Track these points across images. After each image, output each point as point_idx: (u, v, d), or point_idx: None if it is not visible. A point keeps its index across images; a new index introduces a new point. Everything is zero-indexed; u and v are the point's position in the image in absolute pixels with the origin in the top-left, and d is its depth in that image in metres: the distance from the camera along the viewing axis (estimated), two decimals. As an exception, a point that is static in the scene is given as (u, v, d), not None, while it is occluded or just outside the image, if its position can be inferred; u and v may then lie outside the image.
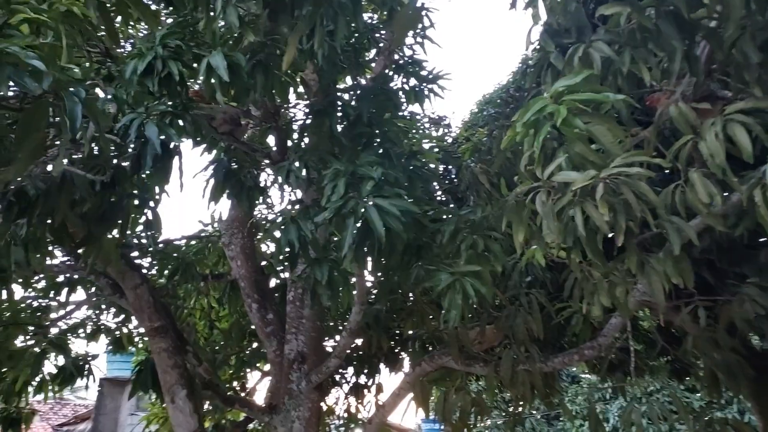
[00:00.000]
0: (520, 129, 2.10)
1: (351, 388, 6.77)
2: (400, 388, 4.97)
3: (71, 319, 6.26)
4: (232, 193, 3.75)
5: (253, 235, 5.90)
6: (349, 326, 4.59)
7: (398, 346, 6.26)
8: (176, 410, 4.27)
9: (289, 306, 5.35)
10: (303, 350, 5.14)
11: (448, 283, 2.98)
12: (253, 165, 3.96)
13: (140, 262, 5.88)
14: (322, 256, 3.26)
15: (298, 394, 4.98)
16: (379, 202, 2.80)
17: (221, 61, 2.68)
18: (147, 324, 4.42)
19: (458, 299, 2.95)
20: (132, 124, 2.83)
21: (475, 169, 5.27)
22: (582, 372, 19.66)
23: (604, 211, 1.79)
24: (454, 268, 3.04)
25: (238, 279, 5.63)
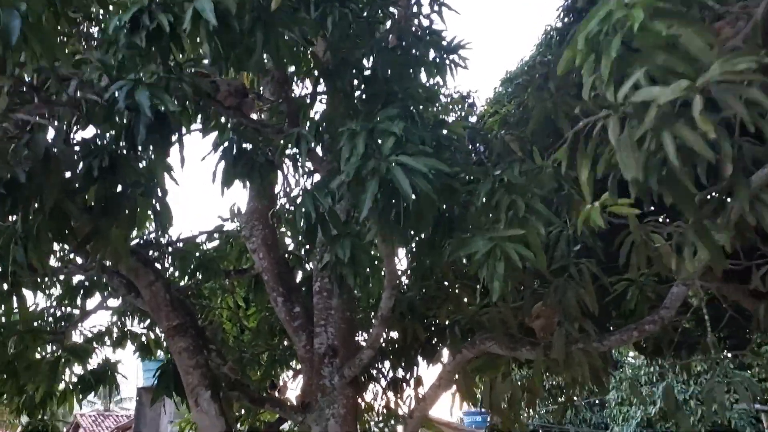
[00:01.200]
0: (581, 46, 1.70)
1: (389, 382, 6.44)
2: (440, 378, 4.59)
3: (95, 327, 6.08)
4: (242, 173, 3.43)
5: (275, 226, 5.60)
6: (381, 313, 4.23)
7: (435, 337, 5.90)
8: (201, 413, 3.97)
9: (316, 297, 5.02)
10: (333, 343, 4.80)
11: (487, 250, 2.60)
12: (265, 143, 3.62)
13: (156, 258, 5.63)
14: (343, 232, 2.90)
15: (332, 390, 4.64)
16: (404, 159, 2.43)
17: (208, 3, 2.34)
18: (165, 323, 4.13)
19: (500, 268, 2.56)
20: (121, 91, 2.52)
21: (506, 137, 4.87)
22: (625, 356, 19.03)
23: (708, 128, 1.37)
24: (493, 234, 2.65)
25: (261, 272, 5.33)
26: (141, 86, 2.53)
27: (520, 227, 2.62)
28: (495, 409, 3.90)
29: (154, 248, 5.57)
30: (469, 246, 2.65)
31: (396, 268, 4.11)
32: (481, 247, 2.61)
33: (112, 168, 3.21)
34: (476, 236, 2.65)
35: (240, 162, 3.46)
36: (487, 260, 2.61)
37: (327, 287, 5.01)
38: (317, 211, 2.81)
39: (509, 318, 3.77)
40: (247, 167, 3.43)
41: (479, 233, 2.67)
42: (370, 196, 2.39)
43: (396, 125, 2.47)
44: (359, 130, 2.51)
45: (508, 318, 3.77)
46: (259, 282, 5.86)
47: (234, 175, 3.55)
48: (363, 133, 2.49)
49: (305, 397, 4.77)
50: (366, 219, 2.98)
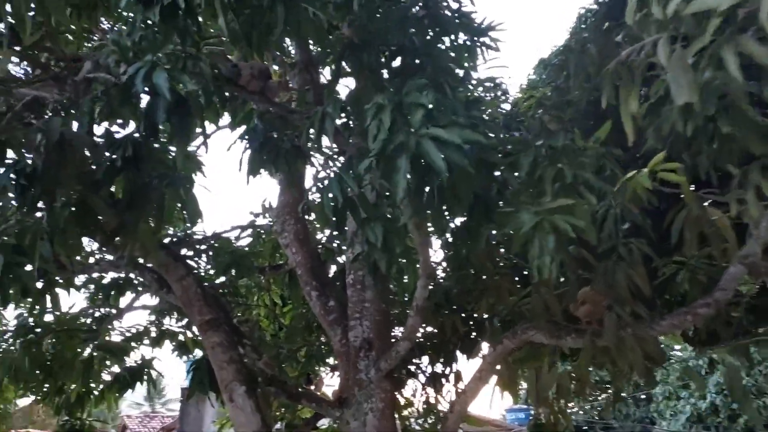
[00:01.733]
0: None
1: (427, 378, 6.28)
2: (480, 370, 4.40)
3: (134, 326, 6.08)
4: (268, 160, 3.31)
5: (306, 220, 5.49)
6: (416, 303, 4.06)
7: (474, 330, 5.70)
8: (236, 409, 3.88)
9: (350, 290, 4.89)
10: (369, 336, 4.66)
11: (534, 224, 2.41)
12: (292, 129, 3.50)
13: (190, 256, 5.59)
14: (373, 215, 2.75)
15: (368, 384, 4.50)
16: (435, 132, 2.26)
17: (222, -28, 2.23)
18: (197, 318, 4.06)
19: (550, 241, 2.37)
20: (138, 73, 2.42)
21: (544, 117, 4.66)
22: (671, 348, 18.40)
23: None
24: (538, 207, 2.46)
25: (295, 267, 5.23)
26: (159, 68, 2.43)
27: (568, 198, 2.42)
28: (541, 401, 3.69)
29: (186, 245, 5.53)
30: (513, 221, 2.47)
31: (430, 255, 3.95)
32: (527, 222, 2.42)
33: (136, 158, 3.15)
34: (520, 211, 2.47)
35: (265, 149, 3.34)
36: (535, 235, 2.42)
37: (360, 279, 4.87)
38: (345, 195, 2.67)
39: (553, 304, 3.56)
40: (272, 154, 3.31)
41: (523, 208, 2.48)
42: (402, 175, 2.24)
43: (425, 96, 2.31)
44: (386, 104, 2.36)
45: (552, 304, 3.56)
46: (294, 278, 5.77)
47: (260, 163, 3.43)
48: (390, 107, 2.33)
49: (342, 391, 4.65)
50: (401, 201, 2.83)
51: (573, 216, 2.46)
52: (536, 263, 2.56)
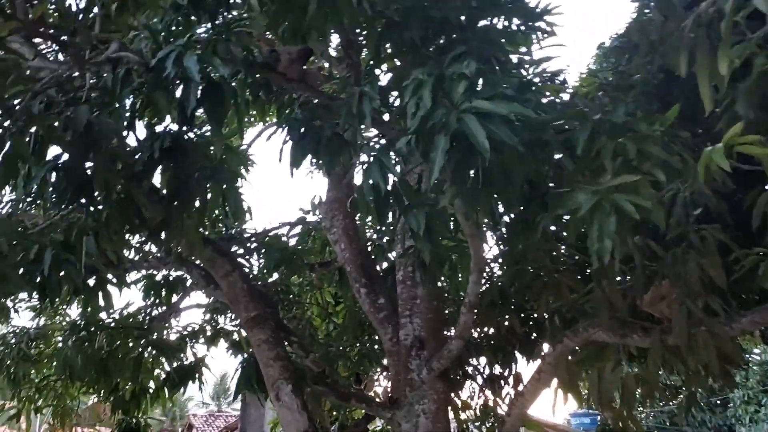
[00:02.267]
0: None
1: (485, 380, 6.03)
2: (540, 371, 4.14)
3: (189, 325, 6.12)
4: (308, 150, 3.18)
5: (355, 216, 5.37)
6: (468, 299, 3.86)
7: (533, 331, 5.42)
8: (283, 408, 3.78)
9: (400, 287, 4.73)
10: (420, 334, 4.48)
11: (593, 204, 2.17)
12: (334, 117, 3.37)
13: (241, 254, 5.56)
14: (415, 201, 2.57)
15: (420, 384, 4.31)
16: (479, 104, 2.07)
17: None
18: (243, 314, 3.99)
19: (611, 223, 2.12)
20: (168, 57, 2.34)
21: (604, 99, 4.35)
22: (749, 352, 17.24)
23: None
24: (596, 186, 2.22)
25: (344, 264, 5.11)
26: (189, 51, 2.34)
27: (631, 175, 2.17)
28: (605, 404, 3.40)
29: (237, 243, 5.51)
30: (569, 202, 2.23)
31: (482, 248, 3.73)
32: (585, 202, 2.19)
33: (174, 150, 3.09)
34: (576, 191, 2.23)
35: (306, 139, 3.22)
36: (594, 216, 2.18)
37: (411, 276, 4.70)
38: (386, 180, 2.50)
39: (617, 299, 3.27)
40: (313, 144, 3.18)
41: (579, 187, 2.24)
42: (440, 153, 2.05)
43: (467, 66, 2.11)
44: (426, 79, 2.18)
45: (616, 299, 3.27)
46: (344, 275, 5.66)
47: (301, 153, 3.31)
48: (430, 82, 2.15)
49: (393, 392, 4.49)
50: (440, 183, 2.64)
51: (637, 195, 2.21)
52: (595, 248, 2.31)
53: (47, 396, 6.47)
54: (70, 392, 6.63)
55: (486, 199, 2.41)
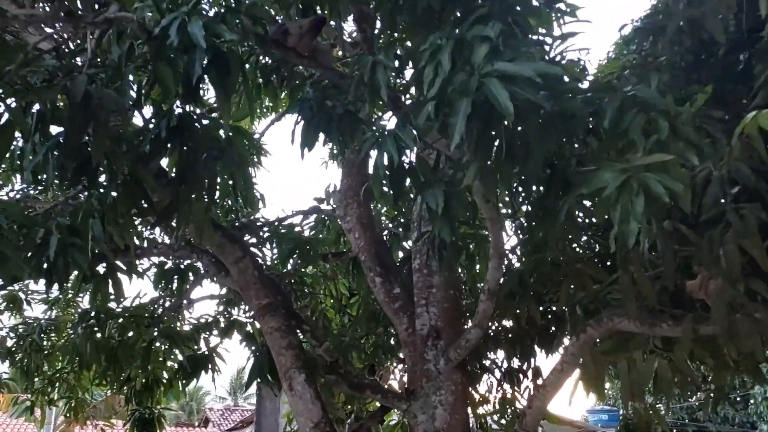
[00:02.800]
0: None
1: (503, 374, 5.88)
2: (563, 362, 3.97)
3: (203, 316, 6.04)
4: (320, 129, 3.05)
5: (370, 204, 5.23)
6: (487, 286, 3.71)
7: (552, 325, 5.25)
8: (295, 398, 3.66)
9: (416, 275, 4.58)
10: (437, 324, 4.33)
11: (620, 183, 2.01)
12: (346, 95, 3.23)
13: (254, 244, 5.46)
14: (433, 179, 2.43)
15: (437, 375, 4.17)
16: (502, 66, 1.92)
17: None
18: (254, 302, 3.87)
19: (638, 203, 1.97)
20: (172, 24, 2.21)
21: (630, 78, 4.16)
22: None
23: None
24: (624, 164, 2.06)
25: (358, 253, 4.98)
26: (194, 17, 2.22)
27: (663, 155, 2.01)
28: (636, 397, 3.22)
29: (249, 231, 5.40)
30: (594, 180, 2.08)
31: (502, 233, 3.58)
32: (611, 180, 2.03)
33: (181, 129, 2.97)
34: (603, 168, 2.07)
35: (318, 117, 3.09)
36: (620, 196, 2.03)
37: (427, 264, 4.56)
38: (402, 155, 2.36)
39: (646, 287, 3.10)
40: (325, 122, 3.05)
41: (606, 165, 2.08)
42: (461, 118, 1.90)
43: (490, 28, 1.96)
44: (444, 44, 2.03)
45: (645, 287, 3.09)
46: (358, 265, 5.54)
47: (313, 133, 3.18)
48: (449, 45, 2.01)
49: (410, 383, 4.35)
50: (459, 162, 2.49)
51: (668, 176, 2.04)
52: (618, 231, 2.15)
53: (60, 388, 6.43)
54: (83, 384, 6.59)
55: (507, 176, 2.25)
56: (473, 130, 2.02)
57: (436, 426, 4.06)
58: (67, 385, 6.60)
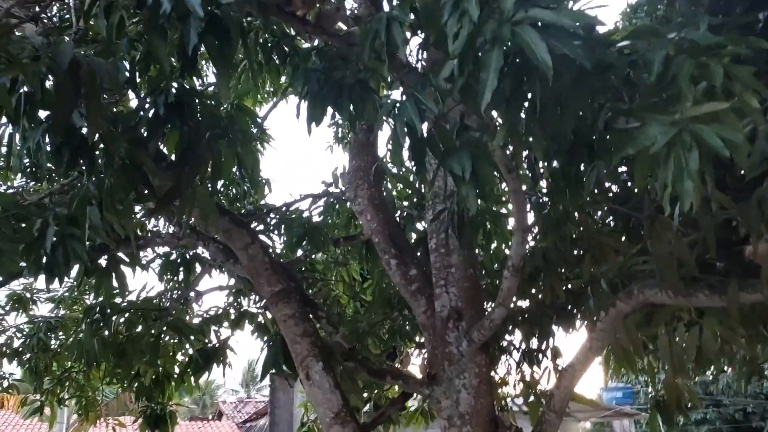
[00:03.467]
0: None
1: (522, 355, 5.70)
2: (591, 339, 3.78)
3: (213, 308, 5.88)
4: (329, 101, 2.84)
5: (380, 183, 5.04)
6: (512, 262, 3.51)
7: (570, 303, 5.06)
8: (313, 387, 3.49)
9: (434, 255, 4.39)
10: (457, 305, 4.15)
11: (671, 138, 1.80)
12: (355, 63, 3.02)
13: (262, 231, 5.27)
14: (457, 142, 2.22)
15: (460, 358, 3.99)
16: (536, 13, 1.71)
17: None
18: (266, 289, 3.69)
19: (693, 159, 1.76)
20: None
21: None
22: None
23: None
24: (673, 117, 1.85)
25: (371, 236, 4.79)
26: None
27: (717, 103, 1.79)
28: (679, 369, 3.03)
29: (257, 218, 5.22)
30: (641, 138, 1.87)
31: (526, 206, 3.39)
32: (660, 135, 1.82)
33: (180, 106, 2.77)
34: (649, 124, 1.86)
35: (326, 89, 2.88)
36: (670, 153, 1.82)
37: (444, 243, 4.36)
38: (423, 119, 2.15)
39: (685, 254, 2.89)
40: (334, 93, 2.83)
41: (654, 118, 1.87)
42: (492, 72, 1.69)
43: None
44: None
45: (684, 254, 2.89)
46: (371, 248, 5.35)
47: (321, 105, 2.97)
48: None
49: (431, 367, 4.18)
50: (485, 124, 2.28)
51: (723, 127, 1.83)
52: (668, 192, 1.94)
53: (69, 387, 6.30)
54: (93, 383, 6.46)
55: (540, 137, 2.04)
56: (505, 86, 1.81)
57: (461, 410, 3.89)
58: (77, 384, 6.47)
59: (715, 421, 24.08)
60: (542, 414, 4.05)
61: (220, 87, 2.54)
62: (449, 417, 3.92)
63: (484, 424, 3.90)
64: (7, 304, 5.99)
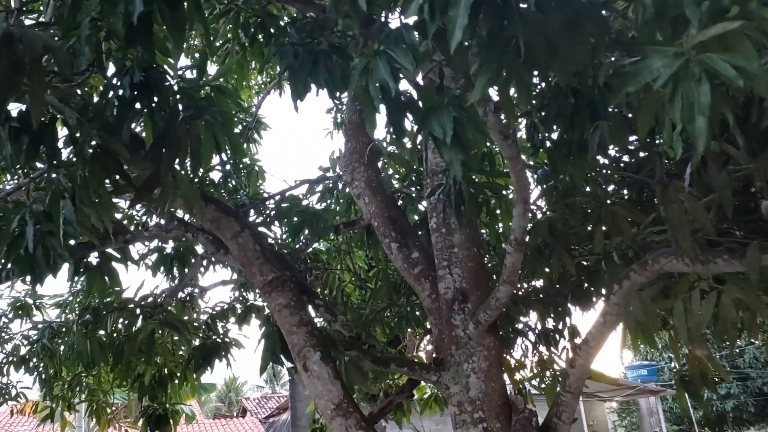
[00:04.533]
0: None
1: (538, 336, 5.52)
2: (605, 314, 3.56)
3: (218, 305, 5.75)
4: (305, 72, 2.65)
5: (377, 164, 4.84)
6: (514, 236, 3.30)
7: (586, 280, 4.84)
8: (312, 378, 3.31)
9: (435, 235, 4.19)
10: (462, 286, 3.95)
11: (676, 69, 1.58)
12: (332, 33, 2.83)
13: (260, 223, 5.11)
14: (435, 104, 2.01)
15: (467, 341, 3.80)
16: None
17: None
18: (258, 278, 3.52)
19: (704, 92, 1.54)
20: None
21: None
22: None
23: None
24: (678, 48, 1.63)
25: (370, 220, 4.60)
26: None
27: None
28: (697, 341, 2.82)
29: (253, 208, 5.05)
30: (642, 74, 1.65)
31: (525, 175, 3.16)
32: (662, 70, 1.60)
33: (148, 86, 2.60)
34: (651, 56, 1.64)
35: (302, 59, 2.69)
36: (677, 88, 1.60)
37: (445, 222, 4.17)
38: (397, 78, 1.95)
39: (701, 215, 2.67)
40: (309, 64, 2.64)
41: (655, 50, 1.65)
42: (464, 7, 1.49)
43: None
44: None
45: (700, 215, 2.66)
46: (372, 233, 5.17)
47: (302, 79, 2.78)
48: None
49: (438, 352, 3.99)
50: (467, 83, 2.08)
51: (735, 55, 1.61)
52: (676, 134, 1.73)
53: (80, 392, 6.22)
54: (104, 386, 6.38)
55: (525, 85, 1.83)
56: (481, 26, 1.61)
57: (471, 396, 3.70)
58: (88, 389, 6.40)
59: (739, 395, 23.68)
60: (558, 395, 3.85)
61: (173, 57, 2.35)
62: (459, 403, 3.73)
63: (497, 409, 3.71)
64: (11, 312, 5.90)
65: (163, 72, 2.71)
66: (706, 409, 24.21)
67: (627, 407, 30.02)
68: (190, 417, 11.27)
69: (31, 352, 5.81)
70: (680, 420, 26.86)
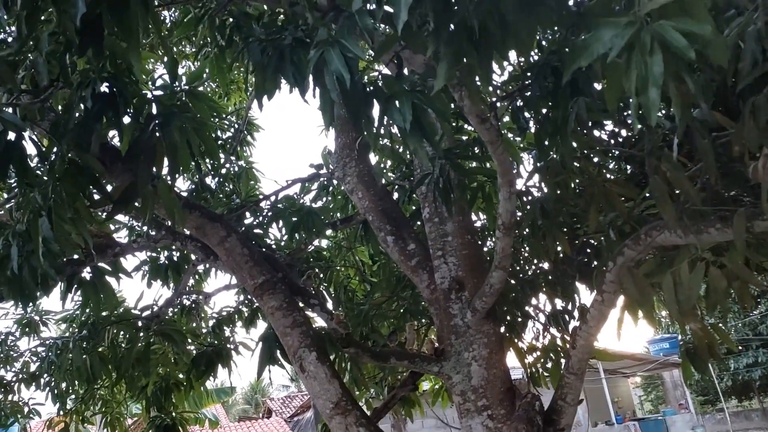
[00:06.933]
0: None
1: (548, 318, 5.45)
2: (602, 292, 3.50)
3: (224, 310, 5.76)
4: (271, 68, 2.60)
5: (367, 158, 4.79)
6: (501, 220, 3.24)
7: (591, 258, 4.76)
8: (309, 379, 3.29)
9: (428, 225, 4.14)
10: (457, 274, 3.90)
11: (628, 40, 1.52)
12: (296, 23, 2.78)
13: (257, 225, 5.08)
14: (396, 91, 1.96)
15: (466, 329, 3.75)
16: None
17: None
18: (249, 282, 3.49)
19: (656, 61, 1.47)
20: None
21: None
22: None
23: None
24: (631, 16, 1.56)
25: (365, 213, 4.56)
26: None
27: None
28: (688, 314, 2.75)
29: (248, 210, 5.03)
30: (593, 47, 1.59)
31: (508, 158, 3.10)
32: (615, 40, 1.54)
33: (112, 95, 2.57)
34: (602, 27, 1.58)
35: (268, 55, 2.64)
36: (630, 60, 1.54)
37: (437, 211, 4.11)
38: (352, 69, 1.90)
39: (685, 185, 2.59)
40: (275, 59, 2.60)
41: (605, 22, 1.59)
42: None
43: None
44: None
45: (684, 185, 2.59)
46: (369, 228, 5.13)
47: (270, 75, 2.73)
48: None
49: (439, 342, 3.95)
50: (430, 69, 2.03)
51: (690, 21, 1.54)
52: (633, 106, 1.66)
53: (93, 405, 6.25)
54: (118, 398, 6.41)
55: (486, 66, 1.77)
56: (426, 7, 1.55)
57: (474, 384, 3.66)
58: (101, 401, 6.44)
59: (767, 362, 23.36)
60: (562, 377, 3.79)
61: (131, 60, 2.31)
62: (462, 392, 3.69)
63: (500, 395, 3.66)
64: (17, 330, 5.94)
65: (130, 81, 2.68)
66: (726, 379, 23.97)
67: (652, 381, 29.83)
68: (214, 422, 11.32)
69: (40, 368, 5.85)
70: (706, 391, 26.64)
